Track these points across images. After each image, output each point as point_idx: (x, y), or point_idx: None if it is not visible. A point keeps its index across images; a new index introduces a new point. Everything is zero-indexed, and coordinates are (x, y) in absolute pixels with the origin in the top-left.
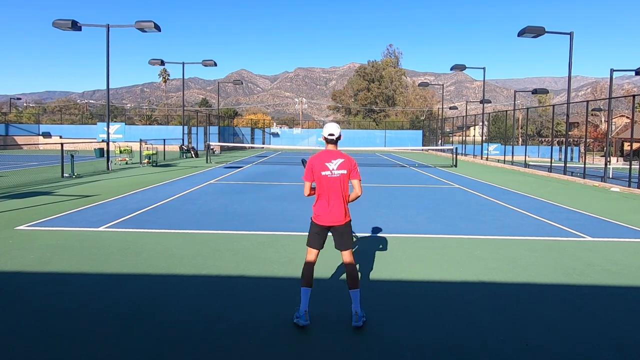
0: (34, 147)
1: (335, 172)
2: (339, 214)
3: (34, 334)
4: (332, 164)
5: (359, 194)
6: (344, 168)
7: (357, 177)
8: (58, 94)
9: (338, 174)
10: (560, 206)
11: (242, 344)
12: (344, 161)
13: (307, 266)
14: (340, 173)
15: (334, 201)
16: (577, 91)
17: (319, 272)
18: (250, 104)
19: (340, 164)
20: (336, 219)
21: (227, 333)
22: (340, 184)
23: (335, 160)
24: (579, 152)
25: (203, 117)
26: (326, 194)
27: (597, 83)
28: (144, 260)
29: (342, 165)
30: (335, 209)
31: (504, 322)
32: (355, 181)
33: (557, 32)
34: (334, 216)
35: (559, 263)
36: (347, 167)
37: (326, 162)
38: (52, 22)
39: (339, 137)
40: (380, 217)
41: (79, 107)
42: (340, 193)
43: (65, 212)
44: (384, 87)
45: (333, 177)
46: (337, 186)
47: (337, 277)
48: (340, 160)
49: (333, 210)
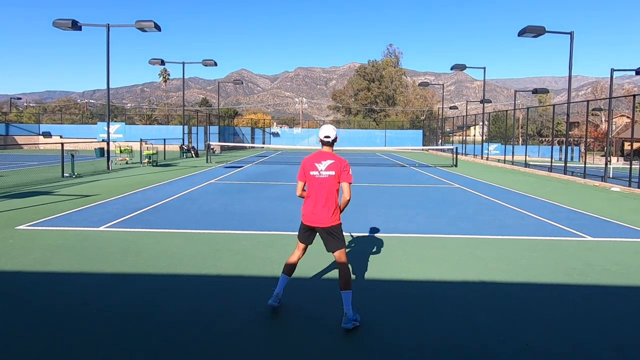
0: (34, 147)
1: (323, 172)
2: (323, 215)
3: (35, 334)
4: (322, 164)
5: (347, 198)
6: (333, 169)
7: (347, 179)
8: (58, 94)
9: (326, 174)
10: (561, 206)
11: (242, 343)
12: (334, 162)
13: (291, 257)
14: (328, 174)
15: (320, 202)
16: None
17: (319, 272)
18: (250, 103)
19: (329, 165)
20: (319, 220)
21: (227, 333)
22: (327, 184)
23: (325, 161)
24: (579, 152)
25: (203, 117)
26: (314, 195)
27: (597, 83)
28: (144, 260)
29: (331, 166)
30: (319, 209)
31: (504, 322)
32: (345, 184)
33: (558, 32)
34: (318, 217)
35: (559, 263)
36: (336, 168)
37: (316, 163)
38: (53, 22)
39: (335, 139)
40: (381, 216)
41: (79, 106)
42: (326, 194)
43: (66, 211)
44: (384, 86)
45: (320, 178)
46: (323, 187)
47: (337, 276)
48: (330, 162)
49: (317, 211)
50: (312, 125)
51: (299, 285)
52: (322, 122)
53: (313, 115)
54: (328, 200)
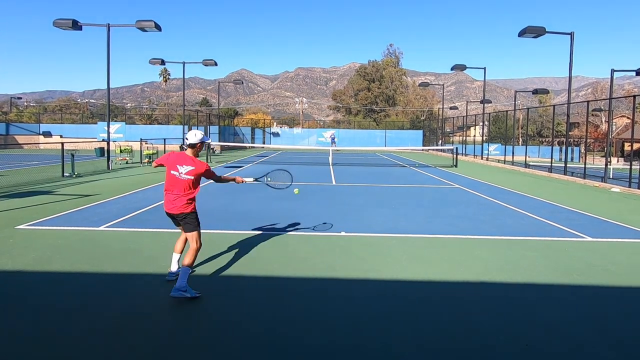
0: (34, 147)
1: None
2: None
3: (34, 334)
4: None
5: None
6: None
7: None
8: (59, 93)
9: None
10: (560, 206)
11: (242, 342)
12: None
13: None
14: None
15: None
16: (577, 91)
17: (319, 271)
18: (250, 103)
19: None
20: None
21: (227, 332)
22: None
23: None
24: (579, 153)
25: (203, 117)
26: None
27: (597, 83)
28: (144, 260)
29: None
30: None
31: (503, 322)
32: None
33: (558, 32)
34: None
35: (559, 263)
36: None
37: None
38: (53, 22)
39: (196, 144)
40: (380, 216)
41: (80, 106)
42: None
43: (66, 211)
44: (385, 87)
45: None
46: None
47: (338, 276)
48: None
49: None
50: (312, 126)
51: (298, 285)
52: (322, 122)
53: (313, 115)
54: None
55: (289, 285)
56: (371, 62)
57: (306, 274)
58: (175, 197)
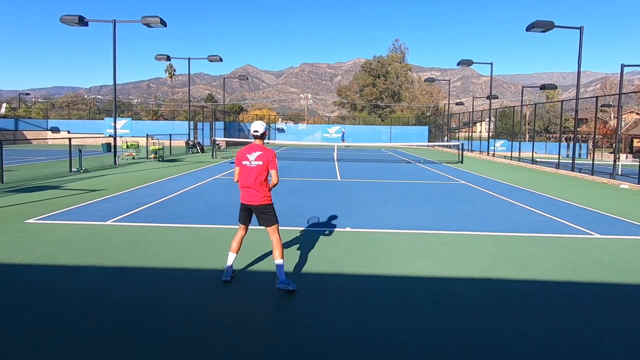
0: (42, 142)
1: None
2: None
3: (44, 326)
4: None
5: (275, 182)
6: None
7: (274, 167)
8: (66, 89)
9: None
10: (568, 203)
11: (246, 336)
12: (262, 153)
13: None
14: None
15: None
16: (586, 87)
17: (318, 269)
18: (255, 99)
19: (258, 156)
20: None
21: (232, 326)
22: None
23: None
24: (587, 149)
25: (209, 113)
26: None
27: (606, 78)
28: (151, 254)
29: (260, 157)
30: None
31: (510, 319)
32: (273, 171)
33: (567, 27)
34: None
35: (566, 260)
36: (264, 158)
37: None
38: (60, 18)
39: (263, 133)
40: (387, 212)
41: (87, 102)
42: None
43: (74, 205)
44: (390, 82)
45: (250, 167)
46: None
47: (341, 272)
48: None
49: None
50: (317, 121)
51: (302, 280)
52: (327, 118)
53: (318, 111)
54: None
55: (294, 279)
56: (376, 58)
57: (311, 270)
58: (253, 191)
